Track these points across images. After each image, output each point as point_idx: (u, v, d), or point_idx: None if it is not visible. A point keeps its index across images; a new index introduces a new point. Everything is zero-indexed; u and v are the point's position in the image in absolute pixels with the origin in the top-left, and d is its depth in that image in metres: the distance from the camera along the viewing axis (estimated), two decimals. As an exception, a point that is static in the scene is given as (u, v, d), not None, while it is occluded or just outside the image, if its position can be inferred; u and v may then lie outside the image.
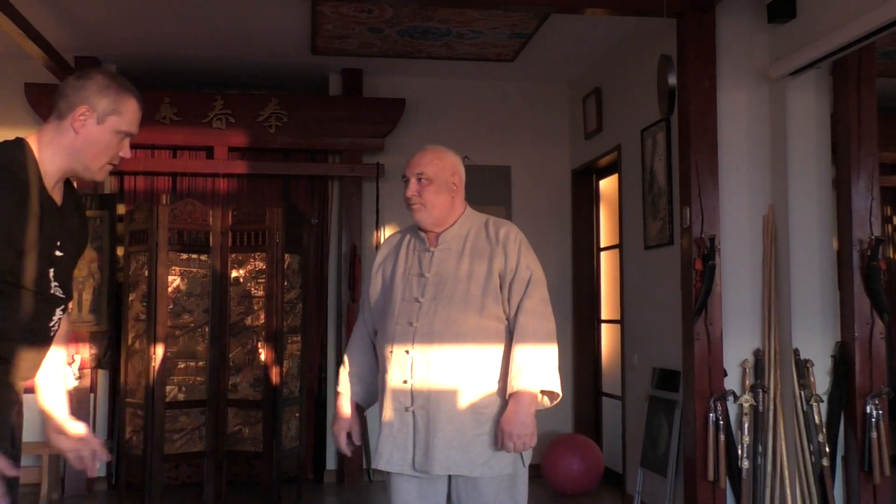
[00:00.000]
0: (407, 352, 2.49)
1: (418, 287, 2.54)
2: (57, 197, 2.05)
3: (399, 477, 2.51)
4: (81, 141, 2.03)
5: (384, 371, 2.55)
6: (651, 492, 4.80)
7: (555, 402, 2.54)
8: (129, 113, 2.09)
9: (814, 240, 4.15)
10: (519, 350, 2.46)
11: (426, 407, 2.46)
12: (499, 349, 2.52)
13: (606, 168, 6.04)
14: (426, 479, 2.49)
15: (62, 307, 2.09)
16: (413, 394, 2.48)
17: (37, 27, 4.60)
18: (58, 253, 2.04)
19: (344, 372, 2.74)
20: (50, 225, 2.00)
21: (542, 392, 2.51)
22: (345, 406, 2.69)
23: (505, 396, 2.48)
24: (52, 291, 2.03)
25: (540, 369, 2.45)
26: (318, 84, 6.29)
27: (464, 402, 2.46)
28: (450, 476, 2.49)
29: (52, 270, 2.02)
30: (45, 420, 2.12)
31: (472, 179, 6.87)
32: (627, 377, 5.37)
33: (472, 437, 2.45)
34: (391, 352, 2.52)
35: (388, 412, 2.51)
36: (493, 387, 2.50)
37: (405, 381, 2.48)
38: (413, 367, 2.48)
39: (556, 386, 2.50)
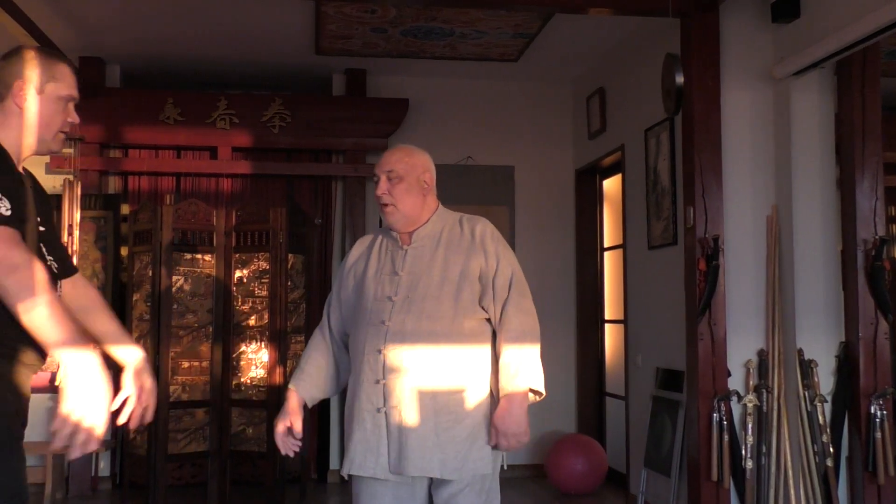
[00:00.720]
0: (379, 351, 2.43)
1: (391, 285, 2.49)
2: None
3: (372, 482, 2.44)
4: (28, 115, 2.06)
5: (357, 372, 2.49)
6: (654, 492, 4.79)
7: (538, 400, 2.53)
8: (65, 77, 2.13)
9: (818, 240, 4.14)
10: (509, 350, 2.44)
11: (398, 406, 2.40)
12: (476, 347, 2.47)
13: (610, 168, 6.03)
14: (402, 482, 2.43)
15: (58, 281, 2.13)
16: (385, 394, 2.41)
17: (41, 27, 4.61)
18: (41, 228, 2.08)
19: (297, 370, 2.68)
20: (31, 201, 2.05)
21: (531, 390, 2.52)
22: (290, 399, 2.60)
23: (481, 394, 2.47)
24: (48, 265, 2.05)
25: (529, 368, 2.45)
26: (322, 84, 6.29)
27: (438, 400, 2.42)
28: (431, 479, 2.45)
29: (42, 246, 2.06)
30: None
31: (476, 179, 6.90)
32: (631, 377, 5.37)
33: (446, 438, 2.40)
34: (363, 352, 2.47)
35: (361, 413, 2.45)
36: (469, 385, 2.45)
37: (377, 381, 2.43)
38: (385, 366, 2.42)
39: (542, 385, 2.49)
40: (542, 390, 2.49)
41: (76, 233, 5.22)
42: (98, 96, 5.72)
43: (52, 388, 5.49)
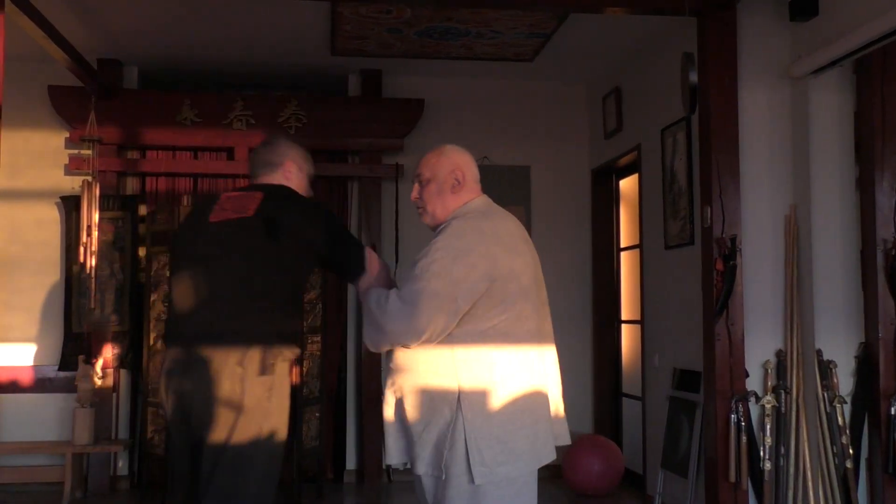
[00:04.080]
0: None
1: None
2: None
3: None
4: None
5: None
6: (672, 493, 4.77)
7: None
8: (310, 160, 2.93)
9: (837, 239, 4.11)
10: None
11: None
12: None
13: (626, 168, 6.01)
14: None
15: None
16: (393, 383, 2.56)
17: (60, 30, 4.64)
18: None
19: None
20: None
21: None
22: None
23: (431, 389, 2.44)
24: None
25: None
26: (338, 85, 6.31)
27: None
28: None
29: None
30: None
31: (491, 180, 6.86)
32: (648, 378, 5.34)
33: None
34: None
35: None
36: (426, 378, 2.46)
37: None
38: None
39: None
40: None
41: (94, 233, 5.26)
42: (116, 98, 5.77)
43: (71, 389, 5.53)
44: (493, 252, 2.40)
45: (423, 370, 2.39)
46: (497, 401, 2.37)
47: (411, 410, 2.40)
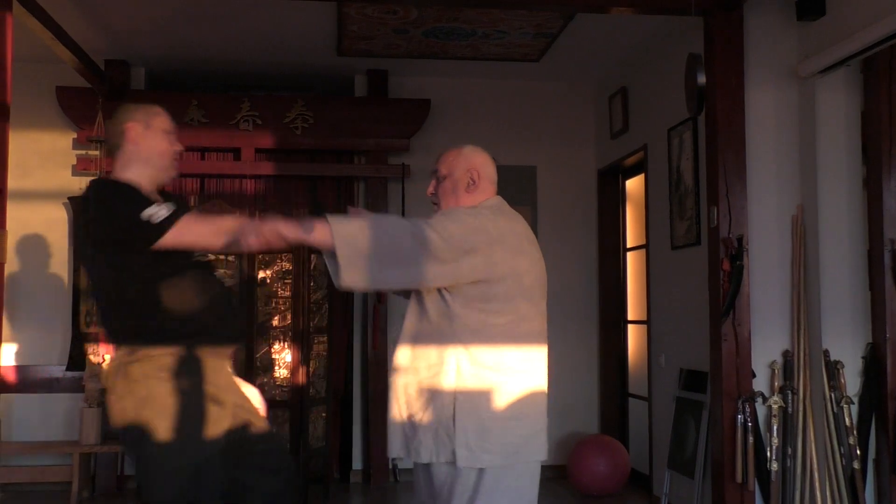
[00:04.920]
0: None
1: None
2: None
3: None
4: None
5: None
6: (678, 493, 4.76)
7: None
8: (163, 115, 2.63)
9: (844, 239, 4.10)
10: None
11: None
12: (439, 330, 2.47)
13: (633, 168, 6.01)
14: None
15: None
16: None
17: (68, 31, 4.66)
18: None
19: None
20: None
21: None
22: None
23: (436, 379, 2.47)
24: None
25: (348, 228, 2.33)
26: (344, 85, 6.32)
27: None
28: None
29: None
30: None
31: (498, 180, 6.86)
32: (654, 378, 5.34)
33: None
34: None
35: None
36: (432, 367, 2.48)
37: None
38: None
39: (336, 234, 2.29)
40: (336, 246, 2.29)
41: (102, 234, 5.27)
42: (123, 99, 5.78)
43: (78, 388, 5.56)
44: (494, 248, 2.42)
45: (425, 367, 2.46)
46: (492, 395, 2.43)
47: (413, 404, 2.46)
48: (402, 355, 2.50)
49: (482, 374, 2.42)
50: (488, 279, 2.41)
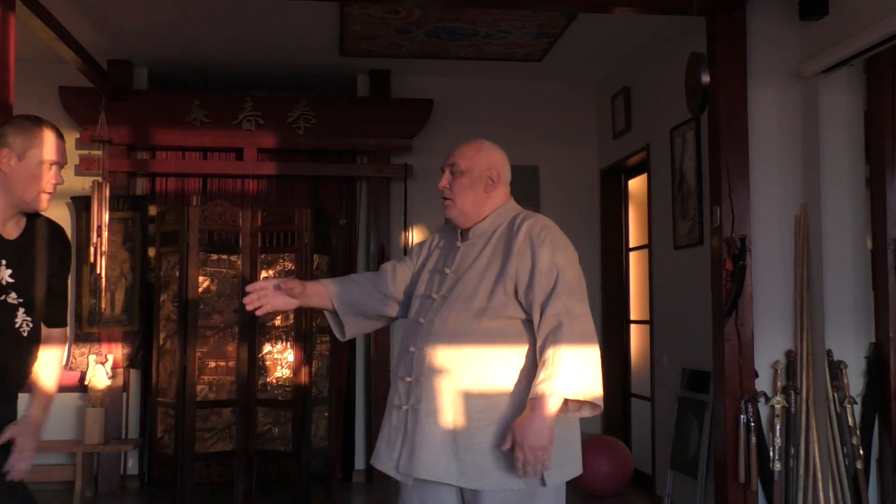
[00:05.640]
0: (410, 349, 2.38)
1: (438, 283, 2.43)
2: (9, 232, 2.37)
3: (404, 486, 2.39)
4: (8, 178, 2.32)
5: (395, 367, 2.47)
6: (681, 493, 4.76)
7: (594, 414, 2.26)
8: (46, 143, 2.37)
9: (847, 239, 4.09)
10: (544, 351, 2.21)
11: (418, 406, 2.31)
12: (506, 350, 2.30)
13: (635, 168, 6.00)
14: (429, 487, 2.31)
15: (24, 311, 2.37)
16: (408, 392, 2.35)
17: (71, 32, 4.67)
18: (9, 279, 2.32)
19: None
20: None
21: (575, 401, 2.22)
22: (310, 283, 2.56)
23: (513, 402, 2.26)
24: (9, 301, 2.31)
25: (567, 372, 2.17)
26: (347, 85, 6.32)
27: (459, 405, 2.27)
28: (461, 490, 2.32)
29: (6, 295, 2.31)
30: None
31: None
32: (657, 378, 5.33)
33: (467, 445, 2.26)
34: (400, 347, 2.46)
35: (389, 408, 2.42)
36: (499, 392, 2.28)
37: (405, 378, 2.39)
38: (413, 364, 2.36)
39: (589, 394, 2.19)
40: (590, 399, 2.20)
41: (104, 234, 5.28)
42: (126, 99, 5.79)
43: (81, 388, 5.56)
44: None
45: (476, 369, 2.29)
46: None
47: (464, 415, 2.26)
48: (443, 355, 2.31)
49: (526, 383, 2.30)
50: (525, 277, 2.36)
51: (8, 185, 2.34)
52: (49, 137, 2.39)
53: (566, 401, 2.20)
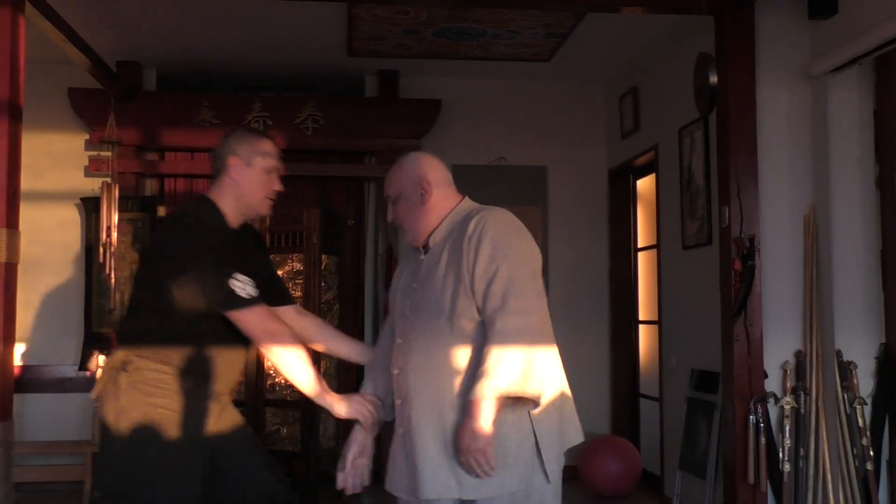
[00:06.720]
0: (395, 371, 2.37)
1: (409, 300, 2.40)
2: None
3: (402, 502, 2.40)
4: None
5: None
6: (690, 494, 4.75)
7: (536, 409, 2.23)
8: (269, 151, 2.64)
9: (857, 239, 4.07)
10: (486, 354, 2.16)
11: (409, 428, 2.30)
12: (475, 354, 2.25)
13: (643, 167, 5.99)
14: (431, 501, 2.29)
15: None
16: (402, 414, 2.35)
17: (80, 33, 4.69)
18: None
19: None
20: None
21: (516, 398, 2.18)
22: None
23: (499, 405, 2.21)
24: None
25: (501, 371, 2.12)
26: (355, 86, 6.32)
27: (445, 416, 2.24)
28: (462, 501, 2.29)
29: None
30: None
31: (508, 180, 6.90)
32: (665, 378, 5.32)
33: (458, 456, 2.22)
34: (390, 371, 2.43)
35: (395, 433, 2.43)
36: None
37: (398, 402, 2.37)
38: (400, 385, 2.34)
39: (521, 389, 2.14)
40: (528, 394, 2.16)
41: (114, 235, 5.30)
42: (135, 100, 5.81)
43: (89, 389, 5.58)
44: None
45: (454, 377, 2.25)
46: (548, 394, 2.28)
47: (452, 425, 2.22)
48: (412, 375, 2.29)
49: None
50: (473, 278, 2.28)
51: (238, 191, 2.59)
52: (271, 146, 2.66)
53: (509, 397, 2.17)
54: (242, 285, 2.45)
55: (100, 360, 5.63)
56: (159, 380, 2.46)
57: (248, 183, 2.59)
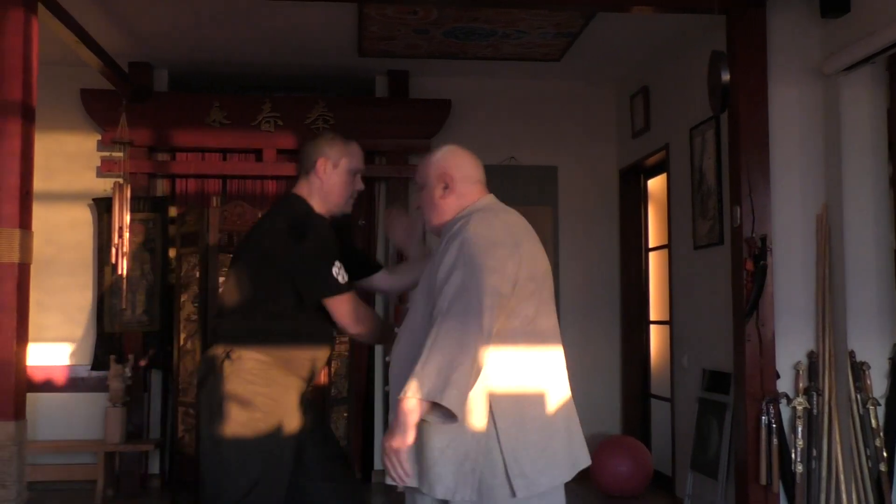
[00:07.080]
0: (388, 360, 2.50)
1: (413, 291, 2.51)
2: None
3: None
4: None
5: None
6: (701, 495, 4.73)
7: (449, 421, 2.10)
8: (355, 153, 2.85)
9: (870, 239, 4.05)
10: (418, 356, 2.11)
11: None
12: None
13: (654, 167, 5.97)
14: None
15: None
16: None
17: (92, 34, 4.71)
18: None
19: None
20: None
21: (433, 403, 2.08)
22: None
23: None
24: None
25: (418, 376, 2.06)
26: (365, 86, 6.33)
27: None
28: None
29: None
30: None
31: (519, 180, 6.89)
32: (677, 379, 5.30)
33: (430, 457, 2.20)
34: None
35: None
36: None
37: (388, 390, 2.45)
38: (389, 374, 2.44)
39: (438, 397, 2.03)
40: (438, 401, 2.04)
41: (126, 235, 5.32)
42: (146, 101, 5.83)
43: (103, 388, 5.61)
44: (518, 241, 2.27)
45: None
46: (531, 404, 2.21)
47: (430, 426, 2.16)
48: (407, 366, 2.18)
49: (515, 378, 2.20)
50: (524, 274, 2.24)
51: (324, 191, 2.81)
52: (357, 149, 2.88)
53: (433, 404, 2.07)
54: (338, 271, 2.66)
55: (111, 360, 5.65)
56: (260, 369, 2.65)
57: (333, 182, 2.80)
